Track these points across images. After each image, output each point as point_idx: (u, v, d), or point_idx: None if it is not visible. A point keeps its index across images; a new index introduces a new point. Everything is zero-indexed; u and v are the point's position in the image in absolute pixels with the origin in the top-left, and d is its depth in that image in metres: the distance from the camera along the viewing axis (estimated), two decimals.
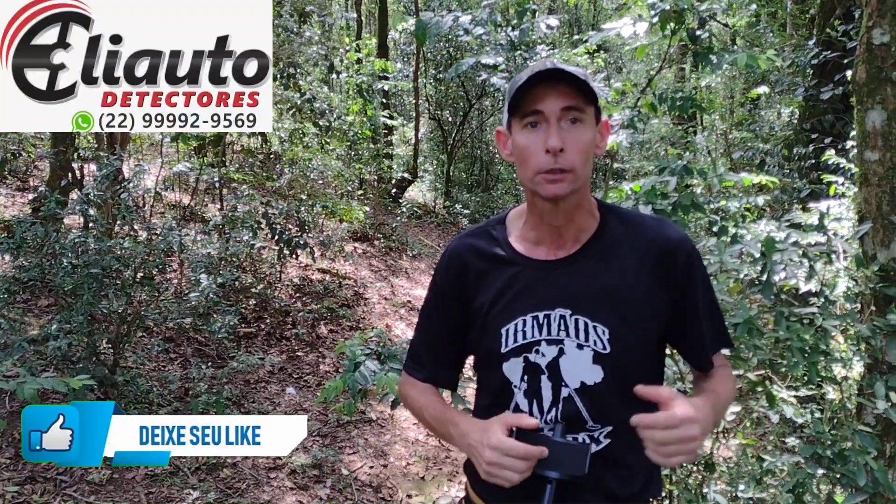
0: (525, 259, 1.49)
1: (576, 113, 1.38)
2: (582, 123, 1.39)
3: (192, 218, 7.38)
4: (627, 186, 3.08)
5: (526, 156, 1.40)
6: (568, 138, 1.37)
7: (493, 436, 1.33)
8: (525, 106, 1.39)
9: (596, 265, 1.45)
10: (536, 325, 1.45)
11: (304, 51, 9.88)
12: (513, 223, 1.57)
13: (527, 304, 1.46)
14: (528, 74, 1.39)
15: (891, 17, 2.91)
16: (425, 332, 1.65)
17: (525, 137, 1.40)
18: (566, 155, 1.37)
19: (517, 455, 1.31)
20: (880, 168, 2.93)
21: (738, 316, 2.51)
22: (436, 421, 1.57)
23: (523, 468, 1.31)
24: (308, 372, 5.84)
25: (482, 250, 1.54)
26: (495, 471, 1.32)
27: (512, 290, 1.48)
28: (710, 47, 3.37)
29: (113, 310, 4.49)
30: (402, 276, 9.23)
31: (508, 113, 1.44)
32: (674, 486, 2.99)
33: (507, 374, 1.47)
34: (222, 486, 4.02)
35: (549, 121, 1.37)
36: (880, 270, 2.87)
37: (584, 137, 1.39)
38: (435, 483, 4.62)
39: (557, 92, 1.37)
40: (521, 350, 1.45)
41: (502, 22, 3.73)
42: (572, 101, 1.37)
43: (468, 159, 15.25)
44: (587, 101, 1.39)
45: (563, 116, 1.38)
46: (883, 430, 2.83)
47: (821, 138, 6.44)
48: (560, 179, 1.38)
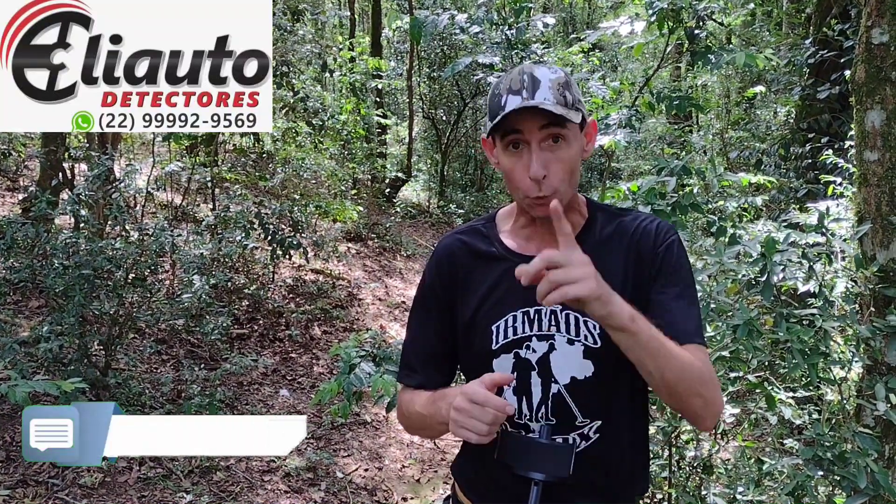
0: (515, 255, 1.48)
1: (556, 129, 1.36)
2: (564, 140, 1.37)
3: (185, 218, 7.33)
4: (625, 186, 3.06)
5: (511, 178, 1.41)
6: (551, 160, 1.36)
7: (469, 385, 1.32)
8: (505, 125, 1.37)
9: None
10: (527, 320, 1.44)
11: (298, 49, 9.84)
12: (503, 220, 1.56)
13: (517, 299, 1.44)
14: (506, 93, 1.37)
15: (890, 16, 2.90)
16: (416, 336, 1.61)
17: (509, 160, 1.40)
18: (550, 181, 1.36)
19: (483, 401, 1.28)
20: (879, 168, 2.91)
21: (737, 317, 2.49)
22: (426, 406, 1.50)
23: (489, 419, 1.27)
24: (302, 374, 5.81)
25: (471, 247, 1.53)
26: (462, 418, 1.29)
27: (502, 286, 1.46)
28: (707, 46, 3.35)
29: (104, 311, 4.45)
30: (397, 276, 9.20)
31: (490, 129, 1.42)
32: (672, 488, 2.97)
33: (498, 371, 1.44)
34: (216, 489, 3.98)
35: (531, 143, 1.36)
36: (880, 271, 2.86)
37: (567, 155, 1.38)
38: (430, 486, 4.59)
39: (535, 116, 1.35)
40: (512, 346, 1.44)
41: (499, 20, 3.69)
42: (551, 118, 1.35)
43: (462, 159, 15.22)
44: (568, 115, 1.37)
45: (543, 137, 1.36)
46: (882, 431, 2.81)
47: (818, 138, 6.43)
48: (547, 203, 1.35)
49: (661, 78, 10.90)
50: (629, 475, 1.49)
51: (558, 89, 1.36)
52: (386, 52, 14.62)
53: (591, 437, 1.43)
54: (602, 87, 4.06)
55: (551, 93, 1.35)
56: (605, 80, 4.39)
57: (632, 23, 3.48)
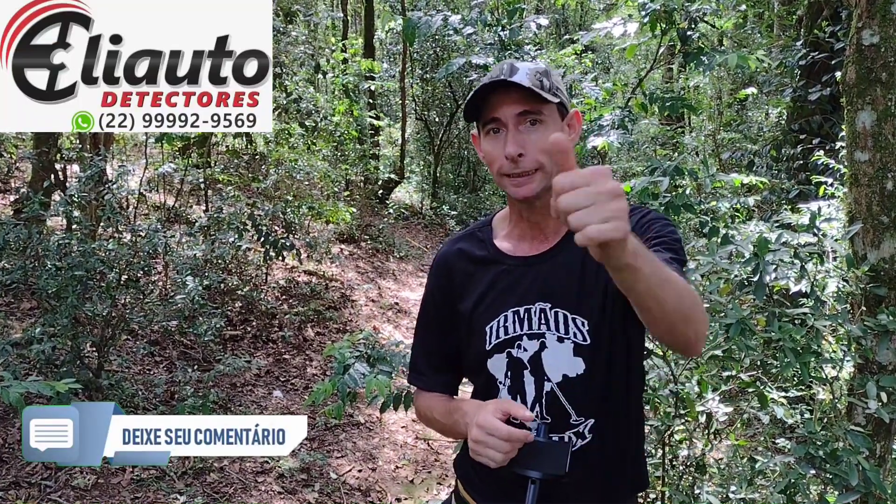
0: (507, 257, 1.52)
1: (532, 115, 1.41)
2: (542, 124, 1.41)
3: (177, 219, 7.31)
4: None
5: (490, 160, 1.46)
6: (528, 141, 1.40)
7: (483, 415, 1.36)
8: (485, 114, 1.44)
9: (574, 257, 1.45)
10: (518, 319, 1.47)
11: (291, 50, 9.83)
12: (499, 224, 1.61)
13: (509, 300, 1.48)
14: (486, 81, 1.42)
15: (880, 18, 2.91)
16: (421, 341, 1.67)
17: (488, 143, 1.45)
18: (527, 158, 1.40)
19: (500, 436, 1.32)
20: (870, 168, 2.93)
21: (730, 316, 2.50)
22: (444, 416, 1.58)
23: (506, 449, 1.32)
24: (295, 375, 5.80)
25: (467, 253, 1.58)
26: (480, 449, 1.35)
27: (495, 288, 1.51)
28: (700, 48, 3.36)
29: (97, 312, 4.44)
30: (390, 277, 9.20)
31: (466, 112, 1.48)
32: (666, 486, 2.98)
33: (492, 371, 1.49)
34: (209, 490, 3.97)
35: (508, 127, 1.41)
36: (870, 271, 2.87)
37: (546, 137, 1.39)
38: (424, 486, 4.59)
39: (511, 98, 1.40)
40: (504, 345, 1.47)
41: (492, 21, 3.70)
42: (527, 106, 1.40)
43: (455, 160, 15.23)
44: (544, 101, 1.41)
45: (520, 121, 1.41)
46: (874, 429, 2.83)
47: (809, 139, 6.46)
48: (524, 182, 1.41)
49: (654, 79, 10.93)
50: (626, 472, 1.51)
51: (535, 75, 1.40)
52: (379, 53, 14.62)
53: (587, 435, 1.44)
54: (595, 89, 4.07)
55: (527, 77, 1.39)
56: (597, 82, 4.40)
57: (624, 24, 3.50)
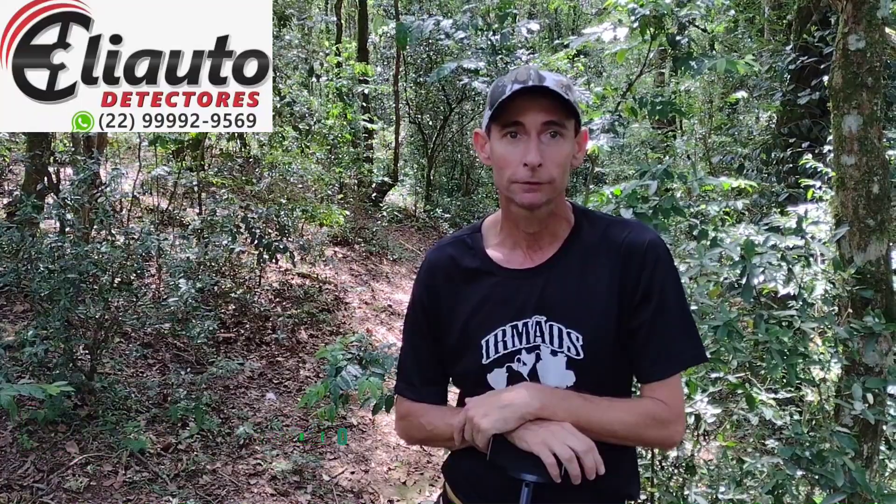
0: (501, 269, 1.50)
1: (556, 127, 1.39)
2: (562, 137, 1.40)
3: (171, 222, 7.31)
4: (608, 190, 3.09)
5: (503, 165, 1.42)
6: (547, 153, 1.38)
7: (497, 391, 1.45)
8: (507, 115, 1.40)
9: (570, 271, 1.46)
10: (515, 334, 1.46)
11: (284, 54, 9.84)
12: (489, 231, 1.58)
13: (505, 313, 1.47)
14: (511, 82, 1.39)
15: (866, 23, 2.95)
16: (410, 349, 1.63)
17: (504, 147, 1.42)
18: (544, 169, 1.38)
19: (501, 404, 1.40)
20: (856, 172, 2.96)
21: (717, 318, 2.53)
22: (446, 424, 1.52)
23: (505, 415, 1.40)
24: (288, 377, 5.81)
25: (458, 262, 1.55)
26: (477, 412, 1.41)
27: (490, 301, 1.49)
28: (689, 52, 3.39)
29: (90, 315, 4.44)
30: (383, 280, 9.21)
31: (489, 118, 1.44)
32: (655, 488, 3.01)
33: (493, 385, 1.48)
34: (202, 492, 3.98)
35: (530, 134, 1.38)
36: (857, 273, 2.90)
37: (563, 151, 1.41)
38: (416, 488, 4.61)
39: (540, 105, 1.38)
40: (504, 360, 1.47)
41: (483, 26, 3.73)
42: (554, 116, 1.39)
43: (448, 163, 15.27)
44: (568, 114, 1.40)
45: (543, 130, 1.39)
46: (860, 430, 2.86)
47: (798, 143, 6.51)
48: (536, 189, 1.39)
49: (645, 83, 10.98)
50: (617, 479, 1.50)
51: (562, 87, 1.39)
52: (372, 57, 14.64)
53: None
54: (586, 93, 4.10)
55: (557, 86, 1.38)
56: (589, 86, 4.44)
57: (615, 29, 3.52)
